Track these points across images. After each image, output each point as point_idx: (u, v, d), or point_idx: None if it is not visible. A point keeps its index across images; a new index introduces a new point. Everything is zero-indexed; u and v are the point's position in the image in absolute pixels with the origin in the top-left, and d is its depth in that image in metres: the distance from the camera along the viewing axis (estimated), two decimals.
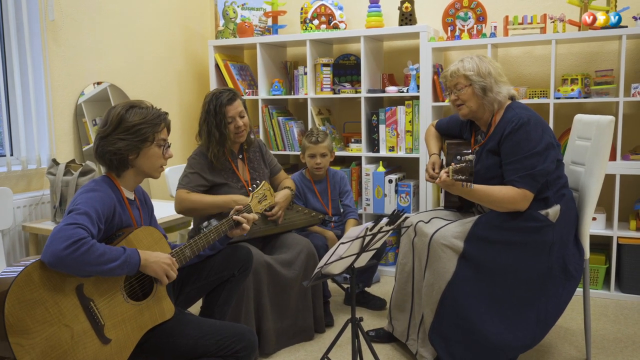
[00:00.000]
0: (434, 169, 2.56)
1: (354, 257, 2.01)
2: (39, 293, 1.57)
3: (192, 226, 3.31)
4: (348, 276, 2.12)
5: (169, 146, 1.97)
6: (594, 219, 3.22)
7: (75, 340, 1.62)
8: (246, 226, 2.18)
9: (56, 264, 1.57)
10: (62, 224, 1.61)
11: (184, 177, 2.65)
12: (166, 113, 1.97)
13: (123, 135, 1.85)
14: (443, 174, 2.21)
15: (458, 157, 2.45)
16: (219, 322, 2.01)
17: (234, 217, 2.16)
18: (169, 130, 1.98)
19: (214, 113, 2.59)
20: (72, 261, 1.56)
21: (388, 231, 2.02)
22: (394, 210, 2.00)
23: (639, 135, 3.40)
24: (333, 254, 1.90)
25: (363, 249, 2.00)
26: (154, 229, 1.91)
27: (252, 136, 2.81)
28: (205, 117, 2.63)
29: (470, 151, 2.48)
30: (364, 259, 2.10)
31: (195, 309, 2.57)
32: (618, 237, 3.17)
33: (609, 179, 3.16)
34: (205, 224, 2.43)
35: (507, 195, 2.24)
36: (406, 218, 2.09)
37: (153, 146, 1.90)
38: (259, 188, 2.38)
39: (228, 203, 2.55)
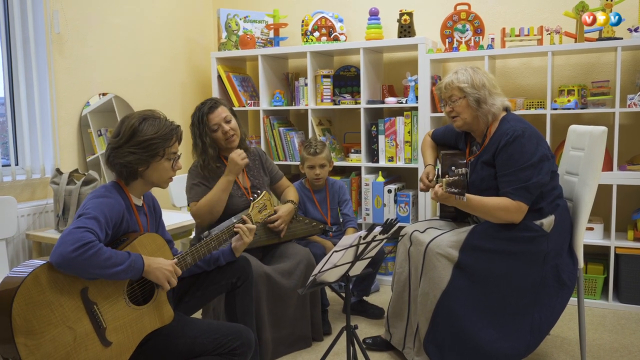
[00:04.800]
0: (429, 180, 2.59)
1: (349, 265, 2.05)
2: (45, 295, 1.61)
3: (192, 235, 3.35)
4: (344, 284, 2.15)
5: (178, 157, 2.00)
6: (592, 229, 3.24)
7: (77, 342, 1.67)
8: (246, 239, 2.19)
9: (63, 265, 1.61)
10: (72, 227, 1.66)
11: (189, 190, 2.71)
12: (178, 126, 1.98)
13: (134, 149, 1.87)
14: (437, 187, 2.24)
15: (452, 167, 2.48)
16: (216, 321, 2.05)
17: (235, 226, 2.19)
18: (180, 141, 2.00)
19: (198, 123, 2.67)
20: (79, 263, 1.61)
21: (382, 240, 2.06)
22: (388, 219, 2.03)
23: (635, 146, 3.42)
24: (327, 261, 1.93)
25: (357, 257, 2.03)
26: (158, 236, 1.95)
27: (248, 144, 2.85)
28: (191, 129, 2.72)
29: (464, 162, 2.52)
30: (358, 268, 2.13)
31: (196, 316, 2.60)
32: (616, 247, 3.18)
33: (606, 189, 3.18)
34: (205, 233, 2.47)
35: (501, 207, 2.27)
36: (400, 227, 2.12)
37: (163, 160, 1.93)
38: (259, 198, 2.41)
39: (224, 184, 2.62)
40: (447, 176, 2.19)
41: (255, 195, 2.42)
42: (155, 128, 1.89)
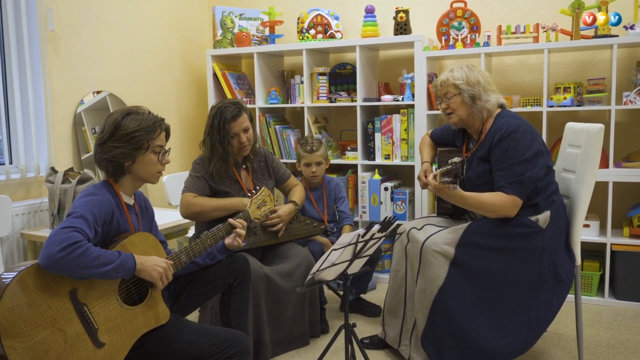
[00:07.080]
0: (425, 177, 2.59)
1: (347, 263, 2.04)
2: (32, 297, 1.59)
3: (189, 234, 3.34)
4: (342, 282, 2.14)
5: (166, 152, 1.98)
6: (588, 225, 3.25)
7: (68, 344, 1.65)
8: (240, 231, 2.18)
9: (51, 266, 1.59)
10: (59, 227, 1.64)
11: (189, 180, 2.66)
12: (162, 119, 1.97)
13: (118, 142, 1.87)
14: (431, 177, 2.25)
15: (448, 161, 2.49)
16: (214, 327, 2.03)
17: (229, 220, 2.17)
18: (168, 136, 2.00)
19: (218, 129, 2.59)
20: (66, 264, 1.59)
21: (380, 238, 2.05)
22: (386, 217, 2.03)
23: (631, 143, 3.43)
24: (325, 260, 1.92)
25: (355, 255, 2.03)
26: (149, 235, 1.93)
27: (257, 146, 2.80)
28: (209, 130, 2.63)
29: (461, 158, 2.52)
30: (357, 266, 2.13)
31: (193, 317, 2.59)
32: (612, 244, 3.19)
33: (602, 187, 3.19)
34: (205, 232, 2.46)
35: (496, 201, 2.27)
36: (398, 225, 2.11)
37: (148, 153, 1.91)
38: (258, 194, 2.39)
39: (236, 205, 2.55)
40: (441, 168, 2.20)
41: (254, 192, 2.40)
42: (138, 121, 1.89)
